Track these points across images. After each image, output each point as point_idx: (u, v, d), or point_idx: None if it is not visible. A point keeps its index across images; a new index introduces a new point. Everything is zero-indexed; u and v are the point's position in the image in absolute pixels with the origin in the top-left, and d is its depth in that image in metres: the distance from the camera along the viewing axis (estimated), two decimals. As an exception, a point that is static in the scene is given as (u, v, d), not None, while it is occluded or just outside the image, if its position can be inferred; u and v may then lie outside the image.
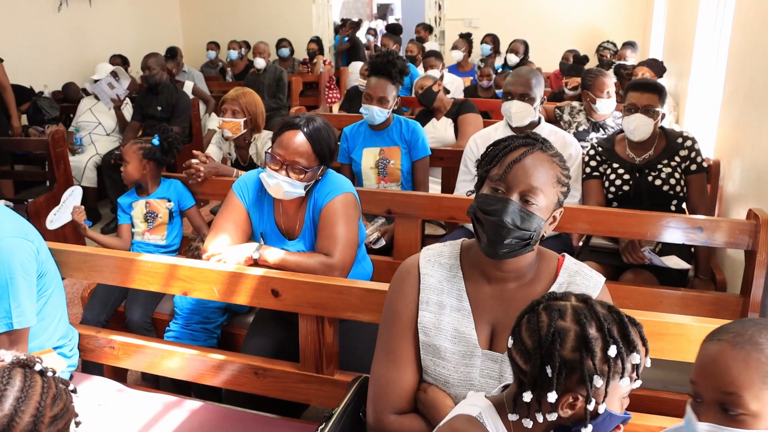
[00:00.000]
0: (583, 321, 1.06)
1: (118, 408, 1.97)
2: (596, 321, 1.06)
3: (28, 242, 1.87)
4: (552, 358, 1.04)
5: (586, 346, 1.03)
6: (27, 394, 1.07)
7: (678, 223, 2.50)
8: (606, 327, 1.05)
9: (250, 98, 3.23)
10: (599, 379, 1.02)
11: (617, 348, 1.03)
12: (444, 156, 3.53)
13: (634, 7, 8.01)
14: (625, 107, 2.79)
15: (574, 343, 1.04)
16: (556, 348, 1.04)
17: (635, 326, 1.09)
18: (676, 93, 5.03)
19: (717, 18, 4.04)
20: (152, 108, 5.17)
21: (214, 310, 2.51)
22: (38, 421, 1.07)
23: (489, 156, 1.38)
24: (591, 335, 1.04)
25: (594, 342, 1.04)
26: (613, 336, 1.04)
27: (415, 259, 1.48)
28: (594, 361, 1.03)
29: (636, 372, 1.05)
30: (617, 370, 1.04)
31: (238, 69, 7.78)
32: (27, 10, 6.48)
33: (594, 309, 1.08)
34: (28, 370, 1.11)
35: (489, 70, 5.57)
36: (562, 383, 1.03)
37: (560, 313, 1.07)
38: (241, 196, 2.23)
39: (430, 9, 9.32)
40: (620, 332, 1.06)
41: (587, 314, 1.07)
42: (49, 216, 2.82)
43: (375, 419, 1.42)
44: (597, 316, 1.06)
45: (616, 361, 1.04)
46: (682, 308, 2.45)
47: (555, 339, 1.05)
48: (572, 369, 1.03)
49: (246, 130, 3.22)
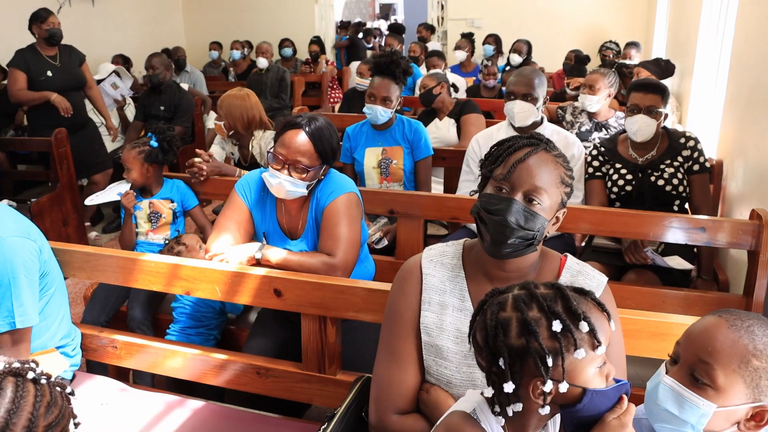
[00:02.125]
0: (521, 306, 1.06)
1: (120, 407, 1.97)
2: (536, 302, 1.06)
3: (30, 241, 1.88)
4: (500, 349, 1.05)
5: (528, 329, 1.03)
6: (19, 405, 1.05)
7: (680, 224, 2.50)
8: (546, 305, 1.04)
9: (228, 102, 3.18)
10: (551, 358, 1.02)
11: (561, 322, 1.02)
12: (446, 156, 3.53)
13: (636, 6, 7.99)
14: (628, 108, 2.78)
15: (517, 329, 1.04)
16: (500, 339, 1.05)
17: (584, 296, 1.08)
18: (678, 93, 5.02)
19: (720, 18, 4.03)
20: (155, 108, 5.18)
21: (207, 313, 2.48)
22: (32, 431, 1.05)
23: (493, 156, 1.39)
24: (531, 317, 1.04)
25: (536, 323, 1.03)
26: (554, 311, 1.03)
27: (418, 259, 1.48)
28: (539, 341, 1.02)
29: (595, 339, 1.03)
30: (569, 344, 1.02)
31: (240, 69, 7.79)
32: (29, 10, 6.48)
33: (532, 292, 1.07)
34: (20, 379, 1.09)
35: (495, 69, 5.57)
36: (518, 372, 1.04)
37: (500, 306, 1.08)
38: (244, 196, 2.23)
39: (433, 9, 9.32)
40: (563, 306, 1.05)
41: (526, 299, 1.07)
42: (91, 196, 2.87)
43: (377, 419, 1.42)
44: (536, 298, 1.06)
45: (564, 335, 1.02)
46: (684, 309, 2.44)
47: (498, 331, 1.06)
48: (523, 355, 1.03)
49: (231, 133, 3.22)
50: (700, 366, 1.11)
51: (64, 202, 4.23)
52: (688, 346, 1.14)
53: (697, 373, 1.11)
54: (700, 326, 1.16)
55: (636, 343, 1.62)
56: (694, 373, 1.12)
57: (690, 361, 1.13)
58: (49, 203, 4.10)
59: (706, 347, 1.11)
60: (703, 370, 1.10)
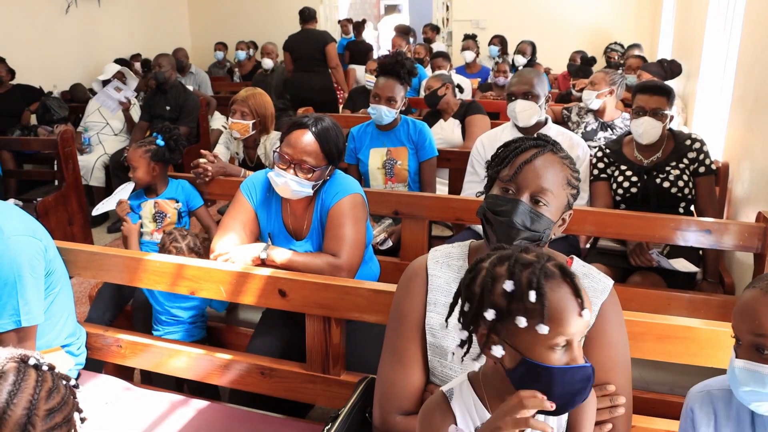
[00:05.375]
0: (494, 261, 1.08)
1: (124, 406, 1.97)
2: (508, 261, 1.06)
3: (36, 240, 1.88)
4: (464, 294, 1.09)
5: (486, 281, 1.06)
6: (20, 387, 1.07)
7: (686, 226, 2.49)
8: (512, 266, 1.05)
9: (259, 100, 3.23)
10: (491, 313, 1.03)
11: (513, 284, 1.02)
12: (451, 157, 3.53)
13: (642, 8, 7.98)
14: (633, 110, 2.77)
15: (482, 278, 1.07)
16: (466, 283, 1.09)
17: (565, 276, 1.05)
18: (684, 94, 5.01)
19: (726, 19, 4.02)
20: (160, 108, 5.19)
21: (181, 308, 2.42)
22: (32, 414, 1.06)
23: (499, 157, 1.39)
24: (497, 272, 1.05)
25: (497, 278, 1.04)
26: (515, 274, 1.03)
27: (423, 260, 1.48)
28: (489, 294, 1.04)
29: (542, 315, 0.99)
30: (515, 308, 1.01)
31: (245, 69, 7.80)
32: (37, 10, 6.52)
33: (514, 253, 1.08)
34: (22, 364, 1.11)
35: (505, 66, 5.57)
36: (469, 318, 1.07)
37: (488, 256, 1.10)
38: (249, 196, 2.23)
39: (438, 10, 9.31)
40: (527, 273, 1.03)
41: (504, 256, 1.08)
42: (97, 205, 2.88)
43: (381, 420, 1.42)
44: (511, 258, 1.07)
45: (511, 297, 1.02)
46: (690, 311, 2.43)
47: (468, 275, 1.09)
48: (475, 302, 1.06)
49: (254, 131, 3.23)
50: (759, 340, 1.14)
51: (69, 202, 4.24)
52: (739, 326, 1.17)
53: (760, 346, 1.14)
54: (742, 304, 1.18)
55: (641, 345, 1.61)
56: (758, 348, 1.14)
57: (748, 339, 1.16)
58: (55, 202, 4.11)
59: (754, 321, 1.13)
60: (762, 343, 1.13)
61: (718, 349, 1.57)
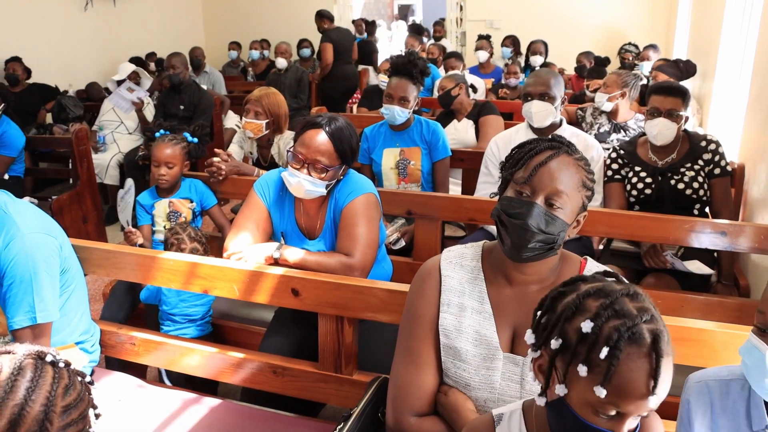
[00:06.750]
0: (591, 291, 0.98)
1: (138, 404, 1.98)
2: (604, 301, 0.96)
3: (51, 238, 1.90)
4: (548, 298, 1.04)
5: (573, 309, 0.97)
6: (37, 384, 1.07)
7: (701, 228, 2.47)
8: (605, 312, 0.94)
9: (273, 99, 3.23)
10: (557, 342, 0.96)
11: (593, 328, 0.93)
12: (464, 157, 3.52)
13: (657, 7, 7.91)
14: (648, 111, 2.75)
15: (569, 301, 0.99)
16: (555, 294, 1.04)
17: (654, 352, 0.91)
18: (700, 95, 4.97)
19: (743, 18, 3.98)
20: (174, 107, 5.21)
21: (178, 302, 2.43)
22: (49, 410, 1.06)
23: (514, 158, 1.38)
24: (585, 304, 0.97)
25: (581, 312, 0.96)
26: (600, 318, 0.93)
27: (437, 261, 1.48)
28: (565, 322, 0.97)
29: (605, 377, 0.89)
30: (581, 353, 0.93)
31: (259, 69, 7.83)
32: (53, 9, 6.58)
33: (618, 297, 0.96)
34: (39, 361, 1.11)
35: (516, 68, 5.56)
36: (540, 331, 1.01)
37: (584, 281, 1.04)
38: (263, 195, 2.24)
39: (452, 10, 9.28)
40: (615, 327, 0.92)
41: (606, 293, 0.97)
42: (120, 216, 2.82)
43: (394, 421, 1.42)
44: (611, 302, 0.95)
45: (585, 339, 0.93)
46: (704, 314, 2.41)
47: (562, 287, 1.04)
48: (552, 320, 0.99)
49: (268, 131, 3.24)
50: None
51: (84, 200, 4.28)
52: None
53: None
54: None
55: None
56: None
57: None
58: (70, 201, 4.15)
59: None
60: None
61: (733, 352, 1.54)
